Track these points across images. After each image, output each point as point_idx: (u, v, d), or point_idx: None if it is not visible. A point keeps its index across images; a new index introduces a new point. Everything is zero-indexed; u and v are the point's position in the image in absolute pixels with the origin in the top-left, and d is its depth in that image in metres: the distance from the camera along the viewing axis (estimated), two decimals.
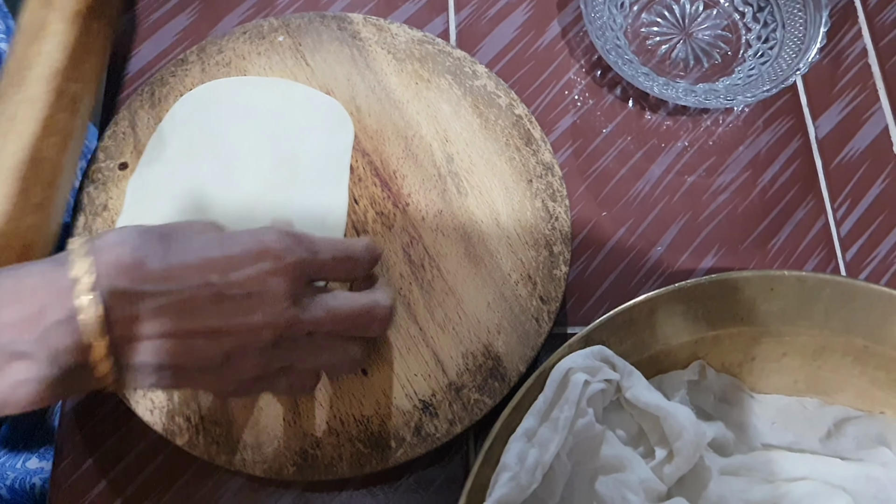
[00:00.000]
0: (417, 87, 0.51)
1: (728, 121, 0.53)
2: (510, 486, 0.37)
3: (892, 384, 0.42)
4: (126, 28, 0.56)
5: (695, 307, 0.41)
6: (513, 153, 0.49)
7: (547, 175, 0.48)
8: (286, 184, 0.47)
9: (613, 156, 0.53)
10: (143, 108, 0.50)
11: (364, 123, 0.50)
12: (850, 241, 0.50)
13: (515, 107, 0.50)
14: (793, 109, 0.54)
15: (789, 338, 0.42)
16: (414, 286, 0.46)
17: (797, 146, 0.53)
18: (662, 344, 0.42)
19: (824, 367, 0.43)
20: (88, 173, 0.49)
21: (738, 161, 0.52)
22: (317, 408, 0.43)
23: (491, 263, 0.46)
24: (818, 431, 0.43)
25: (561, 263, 0.46)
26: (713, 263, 0.50)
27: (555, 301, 0.45)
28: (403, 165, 0.49)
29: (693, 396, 0.43)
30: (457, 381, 0.44)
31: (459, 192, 0.48)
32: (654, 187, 0.52)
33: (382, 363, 0.44)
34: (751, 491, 0.39)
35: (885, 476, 0.40)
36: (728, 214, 0.51)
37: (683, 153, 0.53)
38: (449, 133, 0.49)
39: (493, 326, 0.45)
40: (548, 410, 0.38)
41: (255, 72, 0.51)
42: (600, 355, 0.39)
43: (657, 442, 0.40)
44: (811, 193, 0.51)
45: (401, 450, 0.42)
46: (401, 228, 0.47)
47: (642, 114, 0.54)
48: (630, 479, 0.39)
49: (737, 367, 0.43)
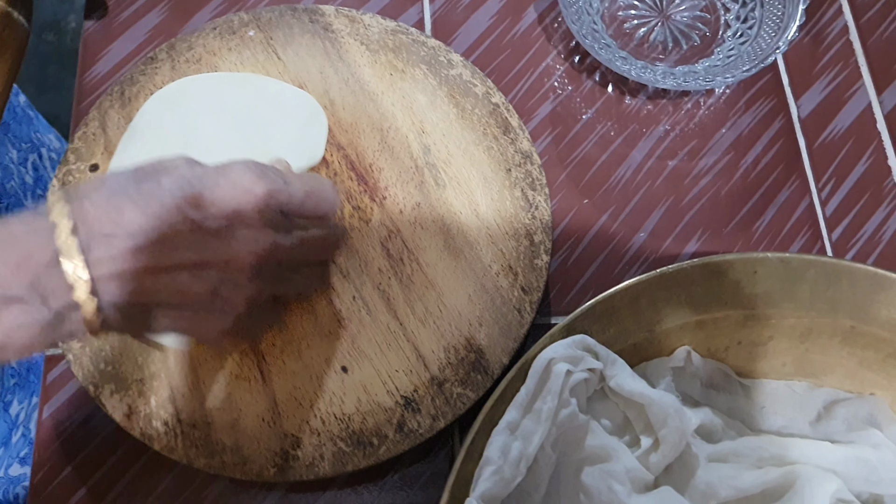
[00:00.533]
0: (392, 77, 0.50)
1: (709, 103, 0.53)
2: (494, 480, 0.36)
3: (881, 364, 0.41)
4: (95, 27, 0.55)
5: (678, 293, 0.40)
6: (490, 142, 0.48)
7: (526, 164, 0.48)
8: None
9: (594, 142, 0.52)
10: (113, 107, 0.49)
11: (338, 117, 0.49)
12: (836, 220, 0.50)
13: (492, 95, 0.49)
14: (774, 89, 0.53)
15: (775, 321, 0.41)
16: (393, 281, 0.45)
17: (780, 126, 0.52)
18: (646, 331, 0.41)
19: (812, 349, 0.42)
20: (59, 176, 0.48)
21: (720, 143, 0.52)
22: (296, 407, 0.42)
23: (471, 255, 0.45)
24: (808, 415, 0.42)
25: (542, 253, 0.45)
26: (697, 248, 0.49)
27: (537, 291, 0.44)
28: (379, 158, 0.48)
29: (679, 383, 0.42)
30: (439, 376, 0.43)
31: (437, 184, 0.47)
32: (636, 173, 0.51)
33: (362, 359, 0.43)
34: (740, 477, 0.39)
35: (875, 458, 0.40)
36: (711, 198, 0.50)
37: (664, 137, 0.52)
38: (425, 124, 0.49)
39: (475, 319, 0.44)
40: (530, 402, 0.38)
41: (227, 68, 0.50)
42: (582, 344, 0.38)
43: (642, 430, 0.40)
44: (795, 174, 0.51)
45: (383, 447, 0.41)
46: (378, 222, 0.46)
47: (622, 99, 0.53)
48: (616, 469, 0.38)
49: (723, 352, 0.42)
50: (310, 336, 0.44)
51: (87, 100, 0.53)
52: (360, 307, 0.44)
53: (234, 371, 0.43)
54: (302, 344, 0.44)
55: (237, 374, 0.43)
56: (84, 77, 0.54)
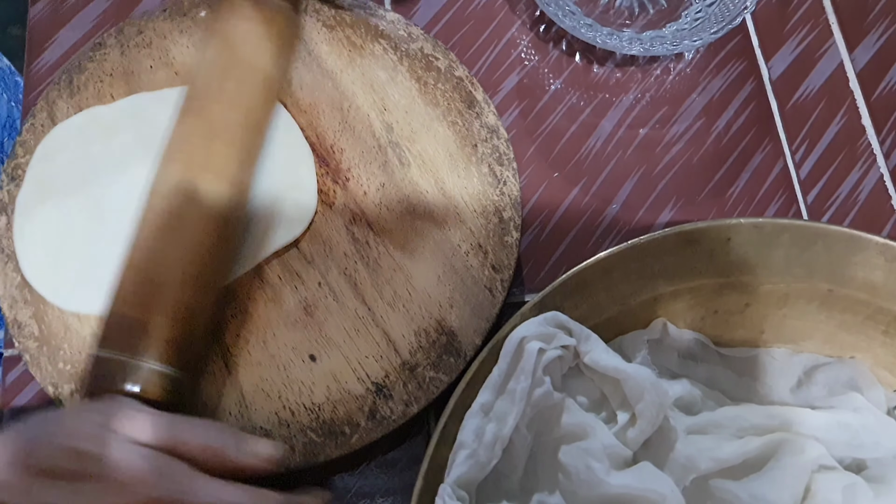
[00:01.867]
0: (350, 54, 0.48)
1: (678, 68, 0.51)
2: (469, 464, 0.35)
3: (859, 327, 0.41)
4: (42, 15, 0.53)
5: (651, 264, 0.39)
6: (455, 118, 0.47)
7: (492, 138, 0.46)
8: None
9: (562, 113, 0.50)
10: (61, 97, 0.47)
11: (296, 97, 0.47)
12: (811, 183, 0.49)
13: (455, 69, 0.48)
14: (744, 51, 0.52)
15: (752, 287, 0.40)
16: (360, 265, 0.44)
17: (751, 89, 0.51)
18: (620, 304, 0.40)
19: (790, 314, 0.41)
20: (7, 170, 0.46)
21: (691, 109, 0.50)
22: (264, 399, 0.41)
23: (439, 235, 0.44)
24: (788, 381, 0.42)
25: (512, 230, 0.44)
26: (671, 217, 0.48)
27: (508, 269, 0.43)
28: (341, 139, 0.46)
29: (655, 356, 0.41)
30: (410, 360, 0.42)
31: (401, 163, 0.46)
32: (606, 143, 0.50)
33: (331, 347, 0.42)
34: (720, 449, 0.38)
35: (857, 422, 0.39)
36: (683, 165, 0.49)
37: (634, 105, 0.50)
38: (387, 101, 0.47)
39: (445, 300, 0.43)
40: (503, 383, 0.37)
41: (178, 51, 0.48)
42: (554, 321, 0.37)
43: (619, 406, 0.39)
44: (768, 137, 0.50)
45: (356, 436, 0.40)
46: (342, 205, 0.45)
47: (590, 68, 0.52)
48: (593, 446, 0.37)
49: (699, 322, 0.41)
50: (275, 325, 0.42)
51: (35, 90, 0.51)
52: (327, 293, 0.43)
53: None
54: (267, 333, 0.42)
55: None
56: (32, 67, 0.52)
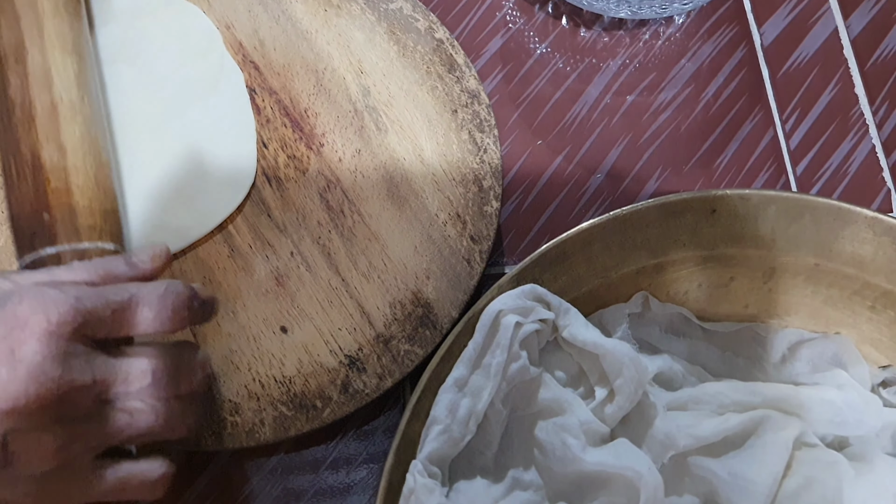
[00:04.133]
0: (326, 14, 0.46)
1: (668, 33, 0.50)
2: (441, 439, 0.34)
3: (846, 302, 0.39)
4: None
5: (633, 235, 0.38)
6: (435, 82, 0.45)
7: (473, 104, 0.45)
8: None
9: (547, 78, 0.49)
10: None
11: (269, 59, 0.45)
12: (801, 153, 0.47)
13: (436, 30, 0.46)
14: (736, 16, 0.50)
15: (737, 261, 0.39)
16: (334, 234, 0.42)
17: (742, 55, 0.49)
18: (601, 277, 0.39)
19: (775, 289, 0.40)
20: None
21: (680, 76, 0.49)
22: (234, 371, 0.40)
23: (416, 204, 0.43)
24: (771, 357, 0.41)
25: (492, 199, 0.43)
26: (657, 187, 0.46)
27: (487, 240, 0.42)
28: (315, 102, 0.45)
29: (636, 330, 0.40)
30: (385, 333, 0.40)
31: (378, 129, 0.44)
32: (592, 110, 0.48)
33: (303, 319, 0.41)
34: (699, 425, 0.37)
35: (840, 399, 0.38)
36: (671, 134, 0.47)
37: (622, 71, 0.49)
38: (364, 63, 0.45)
39: (422, 272, 0.41)
40: (479, 357, 0.35)
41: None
42: (532, 294, 0.36)
43: (597, 381, 0.38)
44: (758, 105, 0.48)
45: (328, 409, 0.39)
46: (316, 172, 0.43)
47: (577, 31, 0.50)
48: (570, 422, 0.36)
49: (682, 295, 0.40)
50: (245, 296, 0.41)
51: None
52: (299, 263, 0.42)
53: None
54: (237, 304, 0.41)
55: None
56: None
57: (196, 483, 0.40)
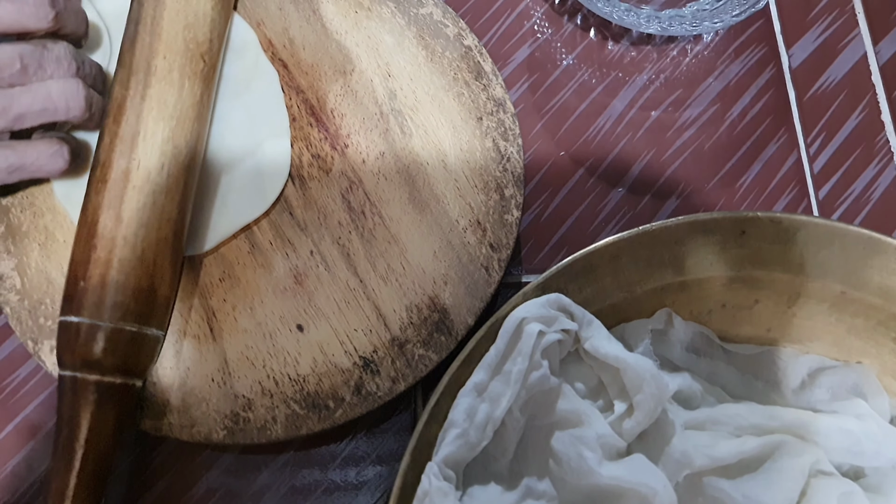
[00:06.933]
0: (357, 16, 0.46)
1: (696, 50, 0.49)
2: (458, 443, 0.34)
3: (870, 332, 0.39)
4: None
5: (661, 252, 0.38)
6: (461, 88, 0.45)
7: (498, 112, 0.44)
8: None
9: (573, 90, 0.49)
10: None
11: (298, 57, 0.45)
12: (824, 178, 0.47)
13: (465, 37, 0.46)
14: (765, 37, 0.50)
15: (762, 284, 0.39)
16: (354, 235, 0.42)
17: (769, 76, 0.49)
18: (626, 291, 0.38)
19: (799, 314, 0.40)
20: None
21: (707, 94, 0.49)
22: (248, 367, 0.39)
23: (437, 209, 0.42)
24: (791, 382, 0.40)
25: (513, 208, 0.42)
26: (678, 204, 0.46)
27: (506, 248, 0.42)
28: (342, 103, 0.44)
29: (658, 346, 0.39)
30: (400, 336, 0.40)
31: (403, 132, 0.44)
32: (616, 124, 0.48)
33: (320, 318, 0.40)
34: (716, 446, 0.36)
35: (859, 428, 0.38)
36: (694, 151, 0.47)
37: (648, 86, 0.49)
38: (391, 67, 0.45)
39: (440, 277, 0.41)
40: (499, 363, 0.35)
41: None
42: (557, 304, 0.36)
43: (617, 395, 0.37)
44: (783, 127, 0.48)
45: (340, 410, 0.39)
46: (339, 173, 0.43)
47: (604, 44, 0.50)
48: (587, 434, 0.36)
49: (706, 314, 0.40)
50: (263, 292, 0.41)
51: None
52: (318, 262, 0.41)
53: (181, 328, 0.40)
54: (255, 300, 0.41)
55: (185, 331, 0.40)
56: None
57: (205, 478, 0.40)
